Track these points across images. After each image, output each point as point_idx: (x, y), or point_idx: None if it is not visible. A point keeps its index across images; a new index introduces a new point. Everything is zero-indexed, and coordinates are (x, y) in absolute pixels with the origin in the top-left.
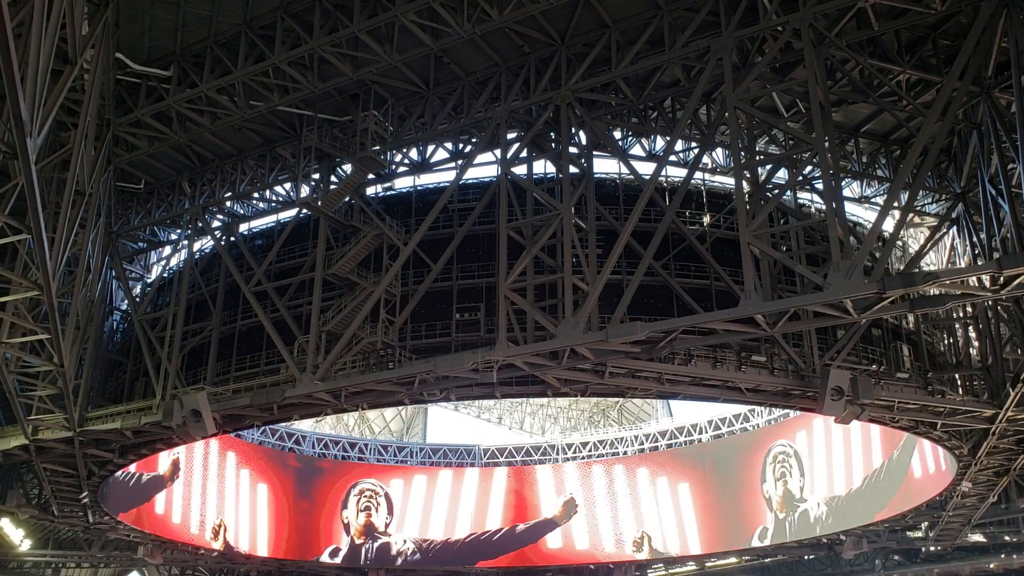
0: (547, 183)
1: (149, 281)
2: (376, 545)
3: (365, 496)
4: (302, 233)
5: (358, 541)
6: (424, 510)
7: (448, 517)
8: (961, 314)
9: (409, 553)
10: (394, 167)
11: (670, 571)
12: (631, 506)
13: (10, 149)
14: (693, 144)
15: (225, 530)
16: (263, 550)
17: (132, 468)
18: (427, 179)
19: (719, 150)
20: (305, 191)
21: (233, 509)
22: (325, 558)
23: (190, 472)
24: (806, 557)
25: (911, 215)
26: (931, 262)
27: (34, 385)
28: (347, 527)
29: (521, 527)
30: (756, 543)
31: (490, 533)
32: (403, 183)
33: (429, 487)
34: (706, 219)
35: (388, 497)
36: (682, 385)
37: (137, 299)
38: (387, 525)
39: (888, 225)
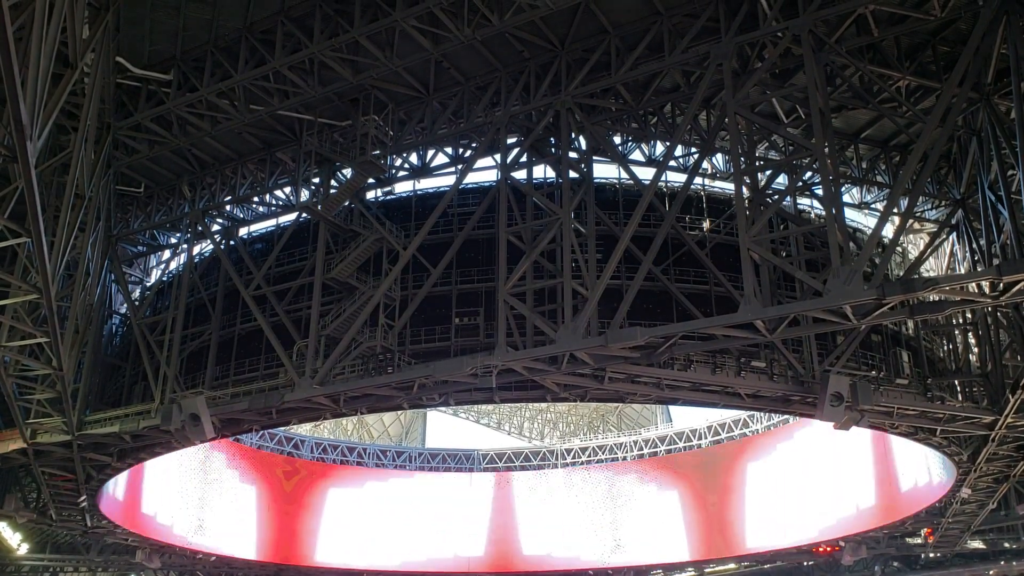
0: (547, 188)
1: (148, 285)
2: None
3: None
4: (302, 237)
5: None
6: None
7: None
8: (960, 320)
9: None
10: (394, 171)
11: None
12: (630, 511)
13: (10, 152)
14: (693, 149)
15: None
16: (254, 553)
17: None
18: (427, 183)
19: (719, 155)
20: (305, 195)
21: (224, 512)
22: (322, 560)
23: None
24: (805, 563)
25: (911, 221)
26: (931, 268)
27: (33, 389)
28: (345, 526)
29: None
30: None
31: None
32: (403, 187)
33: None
34: (706, 224)
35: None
36: (681, 390)
37: (136, 303)
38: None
39: (888, 231)
